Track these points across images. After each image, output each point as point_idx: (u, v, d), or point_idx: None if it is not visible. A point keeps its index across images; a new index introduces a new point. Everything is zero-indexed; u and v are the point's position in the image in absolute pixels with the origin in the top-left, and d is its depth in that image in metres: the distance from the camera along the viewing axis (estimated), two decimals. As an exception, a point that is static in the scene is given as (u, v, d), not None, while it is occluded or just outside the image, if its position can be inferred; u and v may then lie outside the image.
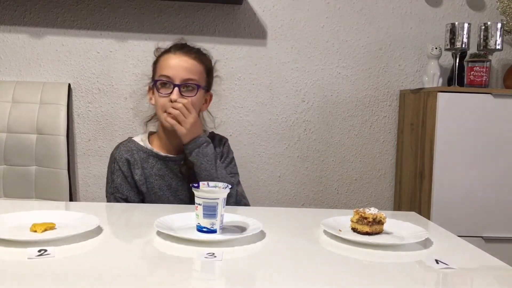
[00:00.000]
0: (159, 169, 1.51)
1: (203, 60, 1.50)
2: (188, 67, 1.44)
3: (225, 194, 1.09)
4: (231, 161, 1.61)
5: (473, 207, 2.15)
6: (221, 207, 1.07)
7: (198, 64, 1.47)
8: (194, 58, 1.46)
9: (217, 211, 1.06)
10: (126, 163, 1.50)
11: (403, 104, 2.46)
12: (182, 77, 1.43)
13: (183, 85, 1.43)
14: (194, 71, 1.45)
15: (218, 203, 1.06)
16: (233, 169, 1.61)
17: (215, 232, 1.06)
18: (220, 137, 1.65)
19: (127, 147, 1.54)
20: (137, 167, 1.50)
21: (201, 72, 1.48)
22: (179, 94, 1.42)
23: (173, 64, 1.44)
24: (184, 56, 1.46)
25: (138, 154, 1.52)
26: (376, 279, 0.88)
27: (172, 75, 1.43)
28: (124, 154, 1.52)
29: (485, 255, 1.04)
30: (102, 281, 0.82)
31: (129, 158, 1.51)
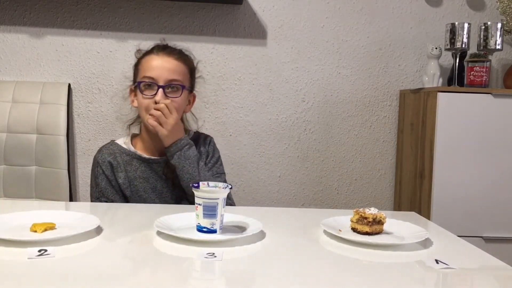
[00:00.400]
0: (143, 172, 1.49)
1: (186, 60, 1.49)
2: (172, 67, 1.43)
3: (225, 194, 1.09)
4: (217, 160, 1.58)
5: (473, 207, 2.15)
6: (221, 207, 1.07)
7: (182, 65, 1.46)
8: (177, 59, 1.45)
9: (217, 211, 1.06)
10: (109, 166, 1.49)
11: (403, 104, 2.46)
12: (166, 77, 1.41)
13: (167, 86, 1.42)
14: (178, 71, 1.44)
15: (218, 203, 1.06)
16: (219, 168, 1.58)
17: (215, 232, 1.06)
18: (204, 136, 1.62)
19: (110, 150, 1.52)
20: (120, 170, 1.49)
21: (185, 73, 1.47)
22: (163, 95, 1.40)
23: (157, 65, 1.42)
24: (167, 57, 1.44)
25: (121, 157, 1.50)
26: (376, 279, 0.88)
27: (155, 76, 1.41)
28: (107, 157, 1.50)
29: (485, 255, 1.04)
30: (102, 281, 0.82)
31: (112, 161, 1.49)
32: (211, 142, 1.61)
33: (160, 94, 1.40)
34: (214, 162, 1.57)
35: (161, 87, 1.40)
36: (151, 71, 1.42)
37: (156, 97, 1.40)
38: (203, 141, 1.59)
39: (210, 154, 1.57)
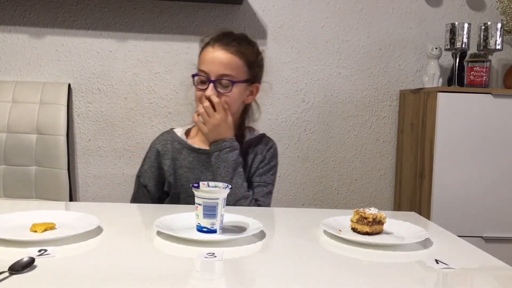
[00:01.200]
0: (190, 162, 1.48)
1: (244, 52, 1.44)
2: (224, 61, 1.40)
3: (225, 194, 1.09)
4: (270, 169, 1.51)
5: (473, 207, 2.15)
6: (221, 207, 1.07)
7: (236, 58, 1.42)
8: (232, 52, 1.41)
9: (217, 211, 1.06)
10: (156, 154, 1.51)
11: (403, 104, 2.46)
12: (218, 72, 1.40)
13: (218, 81, 1.40)
14: (231, 66, 1.41)
15: (218, 203, 1.06)
16: (269, 178, 1.51)
17: (215, 232, 1.06)
18: (267, 141, 1.56)
19: (164, 137, 1.55)
20: (167, 158, 1.49)
21: (239, 66, 1.42)
22: (213, 90, 1.39)
23: (210, 59, 1.41)
24: (221, 50, 1.41)
25: (172, 145, 1.51)
26: (376, 279, 0.88)
27: (207, 70, 1.40)
28: (157, 144, 1.53)
29: (485, 255, 1.04)
30: (102, 281, 0.82)
31: (160, 149, 1.51)
32: (271, 149, 1.54)
33: (210, 89, 1.39)
34: (266, 170, 1.51)
35: (211, 82, 1.40)
36: (205, 64, 1.42)
37: (207, 92, 1.40)
38: (264, 145, 1.54)
39: (266, 160, 1.51)
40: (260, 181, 1.49)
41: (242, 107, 1.52)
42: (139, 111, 2.43)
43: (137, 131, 2.43)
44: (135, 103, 2.42)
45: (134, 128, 2.43)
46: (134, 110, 2.43)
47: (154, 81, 2.42)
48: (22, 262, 0.83)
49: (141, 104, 2.43)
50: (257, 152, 1.51)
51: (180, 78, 2.42)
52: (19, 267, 0.82)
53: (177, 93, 2.43)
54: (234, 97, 1.43)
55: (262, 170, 1.50)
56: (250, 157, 1.50)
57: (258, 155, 1.51)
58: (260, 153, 1.51)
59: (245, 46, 1.46)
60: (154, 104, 2.43)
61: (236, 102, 1.45)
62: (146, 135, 2.42)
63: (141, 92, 2.42)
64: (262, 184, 1.49)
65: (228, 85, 1.40)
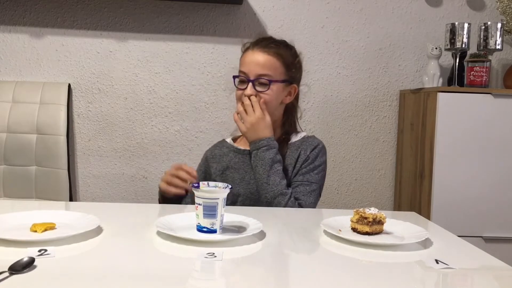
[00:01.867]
0: (236, 163, 1.55)
1: (281, 54, 1.51)
2: (262, 62, 1.47)
3: (225, 194, 1.09)
4: (314, 168, 1.51)
5: (473, 207, 2.15)
6: (221, 207, 1.07)
7: (273, 59, 1.49)
8: (270, 53, 1.48)
9: (217, 211, 1.06)
10: (204, 159, 1.64)
11: (403, 104, 2.46)
12: (256, 72, 1.47)
13: (256, 80, 1.47)
14: (268, 66, 1.48)
15: (218, 203, 1.06)
16: (313, 177, 1.51)
17: (215, 232, 1.06)
18: (312, 141, 1.57)
19: (214, 145, 1.67)
20: (215, 162, 1.60)
21: (277, 67, 1.49)
22: (252, 89, 1.46)
23: (249, 60, 1.49)
24: (260, 51, 1.49)
25: (221, 150, 1.62)
26: (376, 279, 0.88)
27: (247, 71, 1.48)
28: (208, 151, 1.66)
29: (485, 255, 1.04)
30: (102, 281, 0.82)
31: (208, 155, 1.64)
32: (316, 148, 1.54)
33: (249, 88, 1.47)
34: (310, 169, 1.51)
35: (250, 81, 1.47)
36: (244, 65, 1.50)
37: (246, 91, 1.47)
38: (309, 144, 1.55)
39: (310, 159, 1.52)
40: (302, 180, 1.50)
41: (283, 108, 1.57)
42: (139, 111, 2.43)
43: (137, 131, 2.43)
44: (135, 103, 2.42)
45: (134, 128, 2.43)
46: (134, 110, 2.43)
47: (154, 81, 2.42)
48: (22, 262, 0.83)
49: (141, 104, 2.43)
50: (300, 152, 1.53)
51: (180, 82, 2.42)
52: (19, 267, 0.82)
53: (177, 93, 2.43)
54: (272, 96, 1.49)
55: (306, 169, 1.51)
56: (293, 157, 1.52)
57: (302, 155, 1.53)
58: (303, 153, 1.53)
59: (282, 49, 1.53)
60: (154, 104, 2.43)
61: (274, 101, 1.51)
62: (146, 135, 2.42)
63: (141, 92, 2.42)
64: (305, 182, 1.50)
65: (266, 84, 1.47)
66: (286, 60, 1.52)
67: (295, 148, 1.53)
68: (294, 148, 1.53)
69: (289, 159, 1.52)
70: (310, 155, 1.53)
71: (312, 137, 1.60)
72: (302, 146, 1.54)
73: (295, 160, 1.52)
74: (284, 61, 1.51)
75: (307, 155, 1.52)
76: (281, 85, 1.51)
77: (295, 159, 1.52)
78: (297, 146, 1.54)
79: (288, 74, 1.53)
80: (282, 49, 1.52)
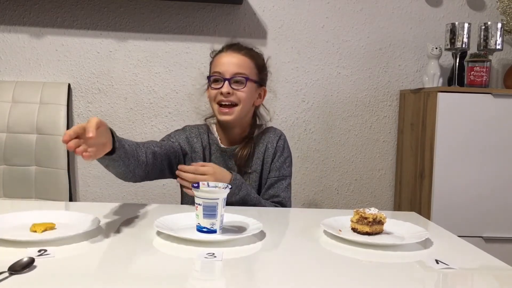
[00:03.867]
0: (217, 157, 1.58)
1: (253, 56, 1.57)
2: (237, 62, 1.52)
3: (225, 194, 1.09)
4: (284, 161, 1.58)
5: (473, 207, 2.15)
6: (221, 207, 1.07)
7: (248, 60, 1.54)
8: (243, 54, 1.54)
9: (217, 211, 1.06)
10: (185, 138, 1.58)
11: (403, 104, 2.46)
12: (232, 71, 1.50)
13: (232, 78, 1.50)
14: (244, 65, 1.52)
15: (218, 203, 1.06)
16: (286, 171, 1.58)
17: (215, 232, 1.06)
18: (274, 130, 1.63)
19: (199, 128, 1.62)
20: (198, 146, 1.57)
21: (251, 67, 1.54)
22: (229, 86, 1.49)
23: (224, 61, 1.53)
24: (234, 52, 1.54)
25: (208, 138, 1.60)
26: (376, 279, 0.88)
27: (222, 71, 1.51)
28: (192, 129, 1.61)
29: (485, 255, 1.04)
30: (102, 281, 0.82)
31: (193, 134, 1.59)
32: (280, 139, 1.60)
33: (225, 86, 1.50)
34: (282, 162, 1.58)
35: (226, 80, 1.50)
36: (219, 66, 1.53)
37: (223, 88, 1.49)
38: (273, 134, 1.61)
39: (279, 152, 1.58)
40: (278, 176, 1.56)
41: (253, 110, 1.61)
42: (139, 111, 2.43)
43: (137, 131, 2.43)
44: (135, 103, 2.42)
45: (134, 128, 2.43)
46: (134, 110, 2.43)
47: (154, 81, 2.42)
48: (22, 262, 0.83)
49: (141, 104, 2.43)
50: (267, 144, 1.57)
51: (180, 82, 2.42)
52: (19, 267, 0.82)
53: (177, 93, 2.43)
54: (248, 94, 1.53)
55: (278, 163, 1.57)
56: (260, 149, 1.57)
57: (269, 147, 1.57)
58: (270, 145, 1.58)
59: (254, 52, 1.59)
60: (154, 104, 2.43)
61: (249, 100, 1.55)
62: (146, 135, 2.42)
63: (141, 92, 2.42)
64: (281, 177, 1.56)
65: (242, 81, 1.51)
66: (258, 62, 1.58)
67: (259, 141, 1.58)
68: (259, 141, 1.58)
69: (258, 153, 1.57)
70: (278, 147, 1.58)
71: (272, 128, 1.64)
72: (266, 135, 1.59)
73: (263, 152, 1.57)
74: (256, 63, 1.56)
75: (274, 147, 1.57)
76: (254, 85, 1.55)
77: (262, 151, 1.57)
78: (261, 138, 1.59)
79: (259, 76, 1.58)
80: (253, 52, 1.58)
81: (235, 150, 1.55)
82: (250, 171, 1.56)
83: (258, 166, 1.56)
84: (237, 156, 1.55)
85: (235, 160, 1.55)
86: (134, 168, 1.36)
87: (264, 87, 1.62)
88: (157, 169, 1.48)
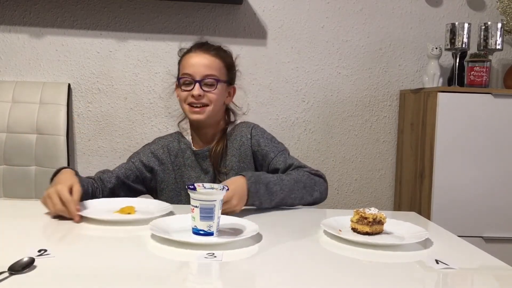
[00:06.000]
0: (193, 161, 1.58)
1: (223, 56, 1.57)
2: (207, 63, 1.52)
3: (222, 196, 1.07)
4: (272, 140, 1.58)
5: (473, 207, 2.15)
6: (218, 209, 1.06)
7: (217, 60, 1.54)
8: (213, 55, 1.53)
9: (214, 213, 1.05)
10: (149, 153, 1.58)
11: (403, 104, 2.46)
12: (202, 73, 1.50)
13: (203, 81, 1.51)
14: (213, 67, 1.52)
15: (215, 205, 1.05)
16: (279, 145, 1.58)
17: (212, 235, 1.05)
18: (245, 124, 1.62)
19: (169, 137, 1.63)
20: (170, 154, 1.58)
21: (221, 68, 1.54)
22: (200, 89, 1.49)
23: (194, 62, 1.52)
24: (204, 53, 1.53)
25: (179, 145, 1.60)
26: (376, 279, 0.88)
27: (192, 73, 1.50)
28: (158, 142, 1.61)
29: (485, 255, 1.04)
30: (102, 281, 0.82)
31: (159, 146, 1.59)
32: (253, 128, 1.59)
33: (196, 88, 1.49)
34: (271, 143, 1.57)
35: (197, 82, 1.50)
36: (189, 68, 1.52)
37: (194, 91, 1.49)
38: (246, 127, 1.60)
39: (261, 138, 1.56)
40: (279, 155, 1.54)
41: (224, 108, 1.62)
42: (139, 111, 2.43)
43: (137, 131, 2.43)
44: (135, 103, 2.42)
45: (134, 128, 2.43)
46: (134, 110, 2.43)
47: (154, 81, 2.42)
48: (22, 262, 0.83)
49: (141, 104, 2.43)
50: (241, 139, 1.56)
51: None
52: (19, 267, 0.82)
53: (177, 93, 2.43)
54: (218, 95, 1.53)
55: (270, 147, 1.56)
56: (235, 145, 1.56)
57: (245, 141, 1.56)
58: (245, 138, 1.56)
59: (222, 51, 1.59)
60: (154, 104, 2.43)
61: (220, 100, 1.55)
62: (146, 135, 2.42)
63: (141, 92, 2.42)
64: (282, 153, 1.55)
65: (213, 83, 1.51)
66: (227, 61, 1.58)
67: (232, 137, 1.58)
68: (231, 137, 1.58)
69: (232, 150, 1.55)
70: (254, 137, 1.57)
71: (244, 122, 1.64)
72: (239, 133, 1.58)
73: (238, 149, 1.55)
74: (225, 63, 1.56)
75: (249, 139, 1.56)
76: (224, 85, 1.56)
77: (238, 149, 1.55)
78: (233, 134, 1.58)
79: (229, 75, 1.58)
80: (222, 52, 1.58)
81: (209, 150, 1.55)
82: (226, 170, 1.54)
83: (234, 164, 1.54)
84: (211, 155, 1.54)
85: (210, 160, 1.55)
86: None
87: (233, 85, 1.63)
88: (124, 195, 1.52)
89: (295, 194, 1.41)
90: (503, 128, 2.14)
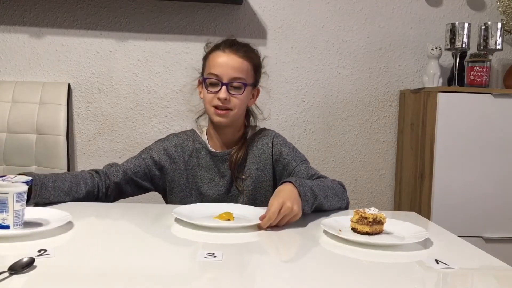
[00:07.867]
0: (207, 162, 1.52)
1: (251, 57, 1.51)
2: (236, 65, 1.46)
3: (18, 189, 1.06)
4: (293, 150, 1.54)
5: (473, 207, 2.15)
6: (14, 202, 1.04)
7: (246, 62, 1.48)
8: (242, 57, 1.47)
9: (7, 206, 1.03)
10: (162, 150, 1.53)
11: (403, 104, 2.46)
12: (230, 75, 1.45)
13: (230, 84, 1.45)
14: (242, 69, 1.47)
15: (7, 197, 1.03)
16: (300, 155, 1.54)
17: (8, 228, 1.04)
18: (266, 132, 1.58)
19: (182, 135, 1.57)
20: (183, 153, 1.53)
21: (248, 70, 1.49)
22: (226, 92, 1.44)
23: (221, 63, 1.46)
24: (233, 54, 1.47)
25: (193, 144, 1.54)
26: (376, 279, 0.88)
27: (220, 74, 1.45)
28: (172, 139, 1.55)
29: (485, 255, 1.04)
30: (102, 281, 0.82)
31: (173, 144, 1.54)
32: (275, 137, 1.56)
33: (223, 91, 1.44)
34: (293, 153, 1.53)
35: (224, 85, 1.44)
36: (216, 68, 1.46)
37: (220, 94, 1.44)
38: (267, 136, 1.56)
39: (283, 148, 1.53)
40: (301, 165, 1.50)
41: (245, 110, 1.56)
42: (139, 111, 2.43)
43: (137, 131, 2.43)
44: (135, 103, 2.42)
45: (134, 128, 2.43)
46: (134, 110, 2.43)
47: (154, 81, 2.42)
48: (22, 262, 0.83)
49: (141, 104, 2.43)
50: (262, 147, 1.53)
51: (180, 82, 2.42)
52: (19, 267, 0.82)
53: (177, 93, 2.43)
54: (244, 100, 1.49)
55: (291, 156, 1.52)
56: (255, 153, 1.52)
57: (265, 150, 1.52)
58: (266, 147, 1.53)
59: (251, 51, 1.53)
60: (154, 104, 2.43)
61: (244, 104, 1.51)
62: (146, 135, 2.42)
63: (141, 92, 2.42)
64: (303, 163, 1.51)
65: (241, 87, 1.46)
66: (255, 62, 1.52)
67: (253, 144, 1.53)
68: (252, 144, 1.53)
69: (252, 157, 1.51)
70: (275, 146, 1.53)
71: (265, 129, 1.60)
72: (260, 141, 1.54)
73: (258, 157, 1.52)
74: (253, 64, 1.51)
75: (270, 148, 1.53)
76: (250, 89, 1.51)
77: (257, 156, 1.52)
78: (255, 141, 1.54)
79: (255, 77, 1.53)
80: (250, 52, 1.52)
81: (229, 154, 1.50)
82: (244, 176, 1.50)
83: (252, 171, 1.51)
84: (231, 160, 1.50)
85: (229, 165, 1.50)
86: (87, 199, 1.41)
87: (257, 87, 1.58)
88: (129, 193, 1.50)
89: (330, 201, 1.37)
90: (503, 128, 2.14)
